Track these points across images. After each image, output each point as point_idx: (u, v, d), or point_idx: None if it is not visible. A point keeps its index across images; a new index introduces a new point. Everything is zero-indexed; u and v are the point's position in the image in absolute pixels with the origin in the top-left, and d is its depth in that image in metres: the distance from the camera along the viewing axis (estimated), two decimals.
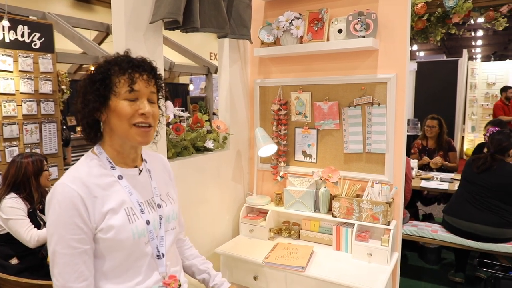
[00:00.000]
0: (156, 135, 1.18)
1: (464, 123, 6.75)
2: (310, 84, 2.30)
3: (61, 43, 4.90)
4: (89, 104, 1.05)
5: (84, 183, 1.03)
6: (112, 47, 1.52)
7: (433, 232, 3.08)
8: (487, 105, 7.26)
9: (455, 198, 3.02)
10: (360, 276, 1.87)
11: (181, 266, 1.30)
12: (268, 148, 2.32)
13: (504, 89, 6.32)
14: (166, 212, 1.21)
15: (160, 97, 1.16)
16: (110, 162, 1.10)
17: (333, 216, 2.19)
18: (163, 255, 1.15)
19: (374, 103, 2.14)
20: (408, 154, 4.25)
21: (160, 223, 1.16)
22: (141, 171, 1.17)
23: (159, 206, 1.18)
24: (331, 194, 2.24)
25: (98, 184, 1.05)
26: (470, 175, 2.91)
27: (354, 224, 2.12)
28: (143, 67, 1.09)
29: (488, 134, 3.09)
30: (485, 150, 3.00)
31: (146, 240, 1.11)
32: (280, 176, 2.43)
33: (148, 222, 1.11)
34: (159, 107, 1.16)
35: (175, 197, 1.29)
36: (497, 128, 3.21)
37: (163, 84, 1.17)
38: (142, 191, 1.15)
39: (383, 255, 2.00)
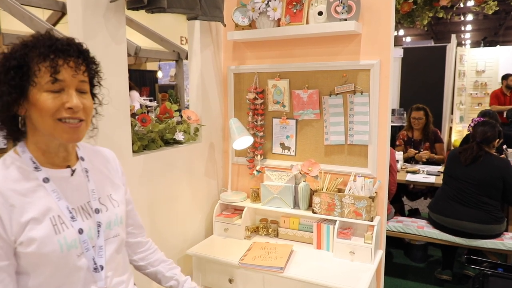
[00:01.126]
0: (92, 130, 1.12)
1: (452, 113, 6.93)
2: (288, 71, 2.31)
3: (8, 23, 4.68)
4: (2, 97, 0.96)
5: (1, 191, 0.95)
6: (68, 28, 1.49)
7: (419, 228, 3.17)
8: (476, 94, 7.48)
9: (440, 195, 3.11)
10: (342, 276, 1.91)
11: (130, 273, 1.23)
12: (244, 140, 2.34)
13: (505, 77, 6.39)
14: (107, 217, 1.13)
15: (95, 84, 1.08)
16: (34, 163, 1.02)
17: (314, 212, 2.21)
18: (102, 268, 1.08)
19: (356, 92, 2.17)
20: (393, 145, 4.36)
21: (98, 231, 1.09)
22: (73, 171, 1.09)
23: (97, 211, 1.10)
24: (311, 189, 2.27)
25: (16, 190, 0.97)
26: (455, 170, 3.00)
27: (335, 220, 2.15)
28: (69, 51, 0.98)
29: (472, 124, 3.17)
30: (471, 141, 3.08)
31: (78, 252, 1.03)
32: (256, 170, 2.45)
33: (81, 231, 1.04)
34: (94, 96, 1.09)
35: (120, 198, 1.20)
36: (481, 118, 3.32)
37: (98, 69, 1.07)
38: (74, 195, 1.07)
39: (367, 253, 2.04)
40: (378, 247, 2.19)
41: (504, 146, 3.69)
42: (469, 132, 3.34)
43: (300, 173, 2.26)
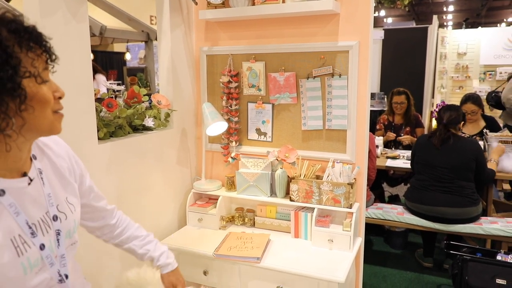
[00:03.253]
0: None
1: (433, 96, 7.05)
2: (264, 52, 2.31)
3: None
4: None
5: None
6: (22, 5, 1.45)
7: (399, 215, 3.24)
8: (457, 77, 7.63)
9: (415, 185, 3.20)
10: (320, 265, 1.95)
11: (80, 273, 1.19)
12: (218, 126, 2.33)
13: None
14: (66, 225, 1.06)
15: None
16: None
17: (291, 200, 2.24)
18: (67, 277, 1.03)
19: (334, 74, 2.19)
20: (373, 130, 4.40)
21: (58, 240, 1.02)
22: (31, 180, 0.99)
23: (55, 218, 1.02)
24: (288, 176, 2.29)
25: None
26: (429, 157, 3.09)
27: (313, 208, 2.18)
28: (41, 35, 0.91)
29: (436, 109, 3.27)
30: (435, 126, 3.20)
31: (38, 268, 0.97)
32: (231, 157, 2.45)
33: (42, 247, 0.97)
34: None
35: (75, 200, 1.13)
36: (444, 103, 3.44)
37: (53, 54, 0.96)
38: (33, 207, 0.98)
39: (345, 241, 2.09)
40: (357, 234, 2.24)
41: (485, 130, 3.75)
42: (434, 117, 3.43)
43: (277, 159, 2.27)
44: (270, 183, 2.32)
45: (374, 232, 3.98)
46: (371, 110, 2.36)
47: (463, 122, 3.15)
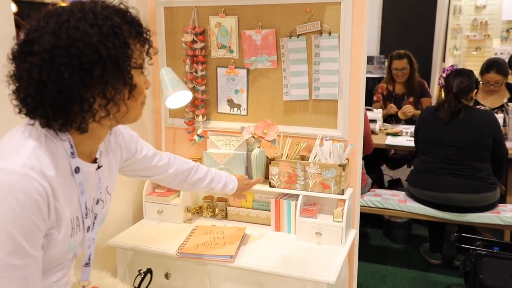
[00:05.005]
0: None
1: (444, 60, 7.13)
2: (236, 4, 2.32)
3: None
4: (107, 87, 1.07)
5: (48, 180, 1.06)
6: None
7: (401, 203, 3.32)
8: (474, 36, 7.69)
9: (419, 168, 3.27)
10: (307, 263, 1.99)
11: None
12: (180, 97, 2.34)
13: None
14: (103, 212, 1.34)
15: None
16: (72, 147, 1.13)
17: (271, 186, 2.29)
18: (92, 262, 1.32)
19: (323, 32, 2.22)
20: (370, 102, 4.47)
21: (94, 224, 1.28)
22: (99, 168, 1.27)
23: (97, 202, 1.29)
24: (267, 157, 2.32)
25: (60, 184, 1.10)
26: (435, 134, 3.15)
27: (298, 195, 2.23)
28: (144, 24, 1.16)
29: (443, 75, 3.31)
30: (443, 96, 3.25)
31: (77, 249, 1.26)
32: (198, 135, 2.47)
33: (88, 229, 1.24)
34: None
35: (112, 189, 1.43)
36: (453, 67, 3.48)
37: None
38: (91, 190, 1.25)
39: (336, 233, 2.14)
40: (350, 226, 2.29)
41: (505, 100, 3.86)
42: (440, 85, 3.48)
43: (253, 137, 2.30)
44: (245, 165, 2.35)
45: (371, 223, 4.07)
46: (367, 77, 2.40)
47: (476, 91, 3.19)
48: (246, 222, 2.39)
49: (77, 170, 1.15)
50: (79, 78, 1.01)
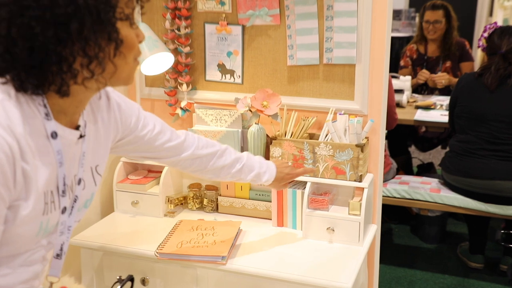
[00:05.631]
0: None
1: (490, 14, 6.87)
2: None
3: None
4: (82, 41, 1.03)
5: (16, 137, 1.04)
6: None
7: (434, 193, 3.25)
8: None
9: (457, 148, 3.21)
10: (316, 266, 1.96)
11: None
12: (159, 60, 2.29)
13: None
14: (85, 194, 1.31)
15: None
16: (46, 108, 1.11)
17: None
18: (64, 255, 1.27)
19: None
20: (396, 67, 4.38)
21: (73, 208, 1.25)
22: (81, 137, 1.24)
23: (79, 182, 1.27)
24: (268, 136, 2.28)
25: (31, 145, 1.08)
26: (478, 107, 3.08)
27: (305, 182, 2.18)
28: None
29: (485, 35, 3.24)
30: (486, 58, 3.21)
31: (48, 234, 1.21)
32: (181, 108, 2.43)
33: (64, 210, 1.21)
34: None
35: (103, 170, 1.41)
36: (497, 24, 3.32)
37: None
38: (71, 165, 1.23)
39: (353, 230, 2.09)
40: (370, 220, 2.26)
41: None
42: (480, 48, 3.37)
43: (250, 110, 2.26)
44: (240, 145, 2.31)
45: (396, 217, 4.00)
46: (393, 37, 2.40)
47: None
48: (242, 215, 2.36)
49: (54, 135, 1.12)
50: (53, 34, 0.99)
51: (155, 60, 2.26)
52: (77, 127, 1.22)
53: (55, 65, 1.03)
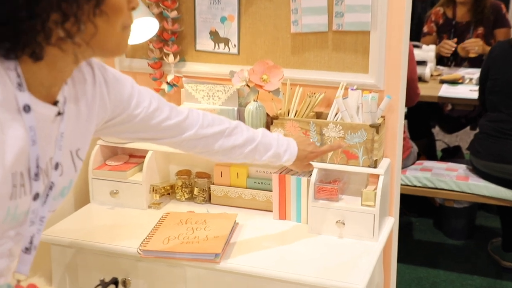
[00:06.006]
0: None
1: None
2: None
3: None
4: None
5: None
6: None
7: (461, 180, 3.20)
8: None
9: (488, 129, 3.16)
10: (323, 264, 1.92)
11: None
12: (141, 27, 2.25)
13: None
14: (63, 180, 1.28)
15: None
16: (19, 77, 1.09)
17: None
18: (35, 249, 1.23)
19: None
20: (418, 35, 4.32)
21: (47, 196, 1.22)
22: (59, 114, 1.21)
23: (56, 167, 1.23)
24: (268, 115, 2.24)
25: None
26: (511, 79, 3.02)
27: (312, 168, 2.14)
28: None
29: None
30: None
31: (16, 224, 1.18)
32: (167, 83, 2.38)
33: (36, 196, 1.18)
34: None
35: (84, 155, 1.38)
36: None
37: None
38: (47, 145, 1.19)
39: (366, 223, 2.05)
40: (386, 213, 2.22)
41: None
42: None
43: (248, 85, 2.21)
44: None
45: (417, 209, 3.92)
46: None
47: None
48: (238, 207, 2.31)
49: (26, 108, 1.09)
50: None
51: (137, 26, 2.20)
52: (55, 103, 1.20)
53: (26, 22, 1.01)
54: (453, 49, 4.11)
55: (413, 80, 3.12)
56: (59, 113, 1.21)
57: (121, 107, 1.48)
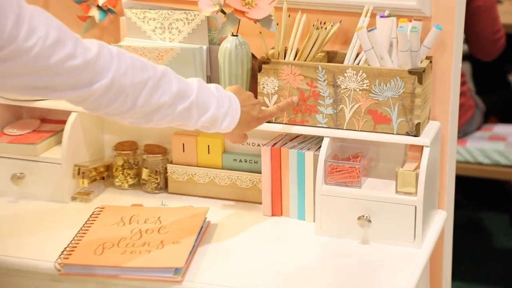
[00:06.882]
0: None
1: None
2: None
3: None
4: None
5: None
6: None
7: None
8: None
9: None
10: (338, 283, 1.64)
11: None
12: None
13: None
14: None
15: None
16: None
17: None
18: None
19: None
20: None
21: None
22: None
23: None
24: (253, 57, 1.99)
25: None
26: None
27: (321, 138, 1.88)
28: None
29: None
30: None
31: None
32: (99, 6, 2.09)
33: None
34: None
35: None
36: None
37: None
38: None
39: (404, 220, 1.76)
40: (435, 204, 1.94)
41: None
42: None
43: (223, 11, 1.91)
44: (204, 75, 1.97)
45: (485, 200, 3.59)
46: None
47: None
48: (209, 197, 2.01)
49: None
50: None
51: None
52: None
53: None
54: None
55: (489, 7, 2.83)
56: None
57: (4, 37, 1.17)
